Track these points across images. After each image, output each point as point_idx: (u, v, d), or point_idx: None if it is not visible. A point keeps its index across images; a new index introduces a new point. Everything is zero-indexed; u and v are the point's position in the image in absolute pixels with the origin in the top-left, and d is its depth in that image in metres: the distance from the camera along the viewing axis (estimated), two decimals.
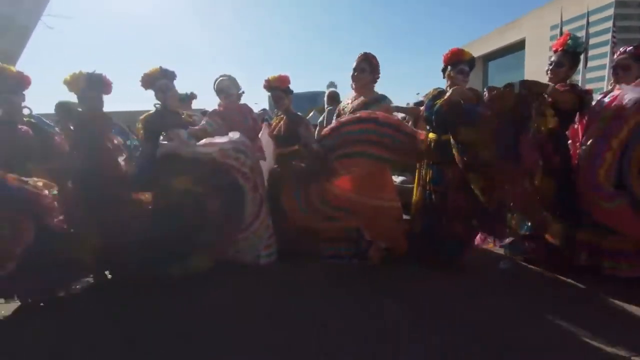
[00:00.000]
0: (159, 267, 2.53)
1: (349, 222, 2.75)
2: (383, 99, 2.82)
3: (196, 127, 2.77)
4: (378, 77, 2.97)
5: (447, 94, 2.63)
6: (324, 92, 5.36)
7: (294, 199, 2.67)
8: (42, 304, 2.56)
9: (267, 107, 6.21)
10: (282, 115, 3.26)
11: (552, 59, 2.66)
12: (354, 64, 2.88)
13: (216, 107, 3.06)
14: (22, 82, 2.45)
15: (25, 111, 2.57)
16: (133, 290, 2.56)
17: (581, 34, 8.86)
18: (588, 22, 9.33)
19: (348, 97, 3.03)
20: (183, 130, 2.59)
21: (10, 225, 2.12)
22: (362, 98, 2.87)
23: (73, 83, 2.61)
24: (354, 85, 2.91)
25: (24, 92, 2.48)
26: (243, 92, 2.99)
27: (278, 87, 3.11)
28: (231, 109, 2.89)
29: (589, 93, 2.68)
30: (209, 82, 3.04)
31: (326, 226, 2.77)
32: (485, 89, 2.57)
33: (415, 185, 3.03)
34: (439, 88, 2.84)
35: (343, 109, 3.00)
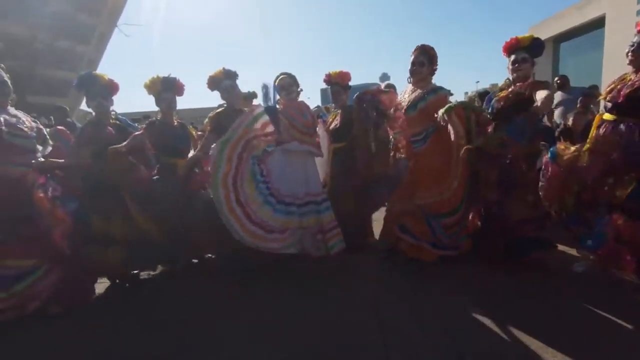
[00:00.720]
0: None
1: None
2: (440, 89, 2.78)
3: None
4: (436, 69, 2.91)
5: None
6: (376, 84, 5.28)
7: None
8: (127, 285, 2.91)
9: (319, 102, 6.28)
10: (337, 112, 3.32)
11: (635, 39, 2.37)
12: (412, 58, 2.83)
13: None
14: (112, 88, 2.76)
15: (112, 114, 2.90)
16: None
17: None
18: None
19: (405, 91, 2.99)
20: None
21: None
22: (418, 91, 2.83)
23: (152, 86, 2.89)
24: (411, 80, 2.87)
25: (112, 97, 2.79)
26: (302, 90, 3.08)
27: (338, 83, 3.17)
28: (291, 106, 2.99)
29: None
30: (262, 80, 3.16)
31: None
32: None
33: None
34: (508, 79, 2.72)
35: (400, 103, 2.97)
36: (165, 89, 2.91)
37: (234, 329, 2.14)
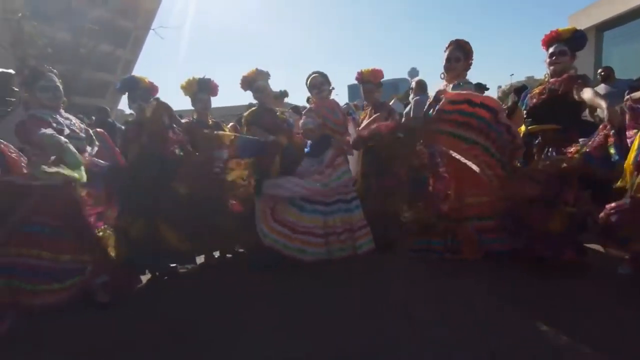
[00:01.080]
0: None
1: None
2: (465, 83, 2.75)
3: (309, 127, 2.90)
4: (472, 63, 2.85)
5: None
6: (405, 79, 5.22)
7: None
8: (166, 277, 3.04)
9: (347, 99, 6.26)
10: (368, 110, 3.31)
11: None
12: (446, 53, 2.78)
13: (305, 103, 3.23)
14: (152, 90, 2.92)
15: None
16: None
17: None
18: None
19: (438, 87, 2.94)
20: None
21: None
22: (450, 86, 2.78)
23: (188, 87, 3.01)
24: (445, 76, 2.82)
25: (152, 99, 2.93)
26: (333, 88, 3.10)
27: (370, 81, 3.16)
28: (322, 105, 3.02)
29: None
30: (296, 79, 3.23)
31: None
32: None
33: None
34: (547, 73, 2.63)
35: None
36: (201, 89, 3.02)
37: (259, 326, 2.16)
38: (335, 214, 2.85)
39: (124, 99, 2.89)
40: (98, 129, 2.92)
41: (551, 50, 2.56)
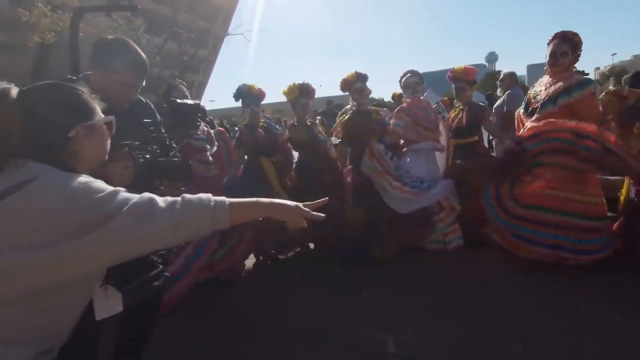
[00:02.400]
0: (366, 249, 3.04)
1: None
2: (588, 82, 2.56)
3: (398, 131, 3.08)
4: (579, 55, 2.70)
5: None
6: (482, 65, 4.98)
7: (484, 199, 2.77)
8: (269, 262, 3.41)
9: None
10: (460, 107, 3.31)
11: None
12: (550, 47, 2.67)
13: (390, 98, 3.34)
14: (261, 95, 3.24)
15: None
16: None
17: None
18: None
19: (541, 82, 2.83)
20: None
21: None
22: (560, 84, 2.65)
23: (290, 93, 3.30)
24: (550, 71, 2.72)
25: (261, 103, 3.28)
26: (424, 87, 3.17)
27: (462, 79, 3.16)
28: (415, 105, 3.11)
29: None
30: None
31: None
32: None
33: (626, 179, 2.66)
34: None
35: (534, 97, 2.83)
36: (302, 94, 3.28)
37: (363, 313, 2.33)
38: None
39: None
40: (219, 128, 3.35)
41: None
